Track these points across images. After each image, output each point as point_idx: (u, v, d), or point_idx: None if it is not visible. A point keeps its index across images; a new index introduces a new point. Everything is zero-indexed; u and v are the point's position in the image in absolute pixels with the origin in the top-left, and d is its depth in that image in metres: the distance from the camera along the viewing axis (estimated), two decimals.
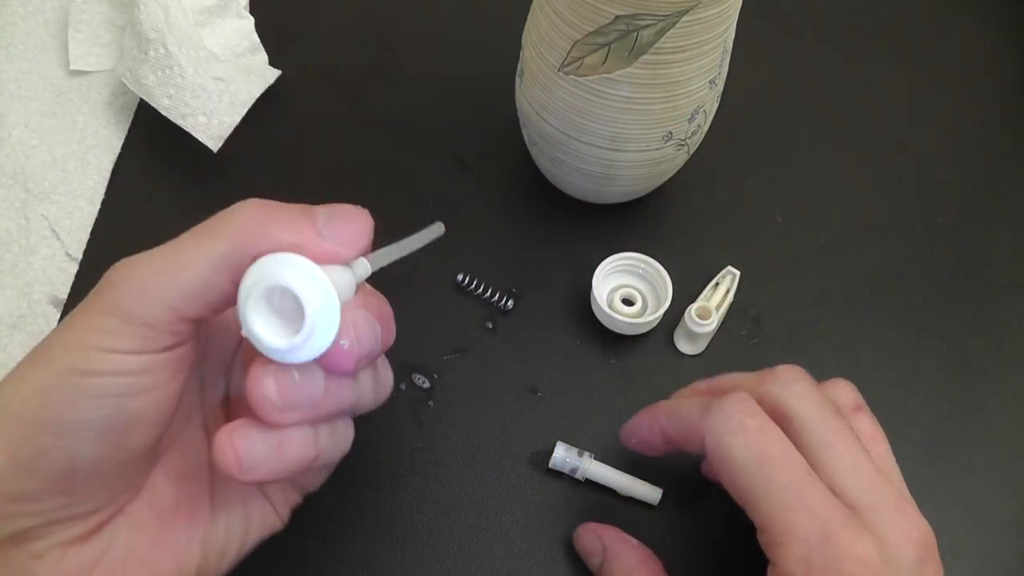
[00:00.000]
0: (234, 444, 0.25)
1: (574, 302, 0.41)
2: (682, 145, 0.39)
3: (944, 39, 0.53)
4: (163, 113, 0.44)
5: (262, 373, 0.25)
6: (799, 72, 0.51)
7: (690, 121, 0.37)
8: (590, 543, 0.34)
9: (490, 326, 0.41)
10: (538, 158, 0.43)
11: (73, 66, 0.48)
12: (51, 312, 0.41)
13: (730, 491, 0.28)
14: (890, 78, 0.51)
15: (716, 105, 0.39)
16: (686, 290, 0.41)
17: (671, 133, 0.37)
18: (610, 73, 0.34)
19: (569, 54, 0.35)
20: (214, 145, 0.44)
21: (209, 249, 0.24)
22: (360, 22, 0.52)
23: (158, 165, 0.46)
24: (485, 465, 0.37)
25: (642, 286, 0.41)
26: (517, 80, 0.40)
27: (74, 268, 0.42)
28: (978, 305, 0.43)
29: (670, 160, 0.39)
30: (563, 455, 0.36)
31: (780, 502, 0.26)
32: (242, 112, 0.45)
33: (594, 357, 0.40)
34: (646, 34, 0.33)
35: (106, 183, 0.45)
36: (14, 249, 0.42)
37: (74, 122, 0.47)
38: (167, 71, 0.43)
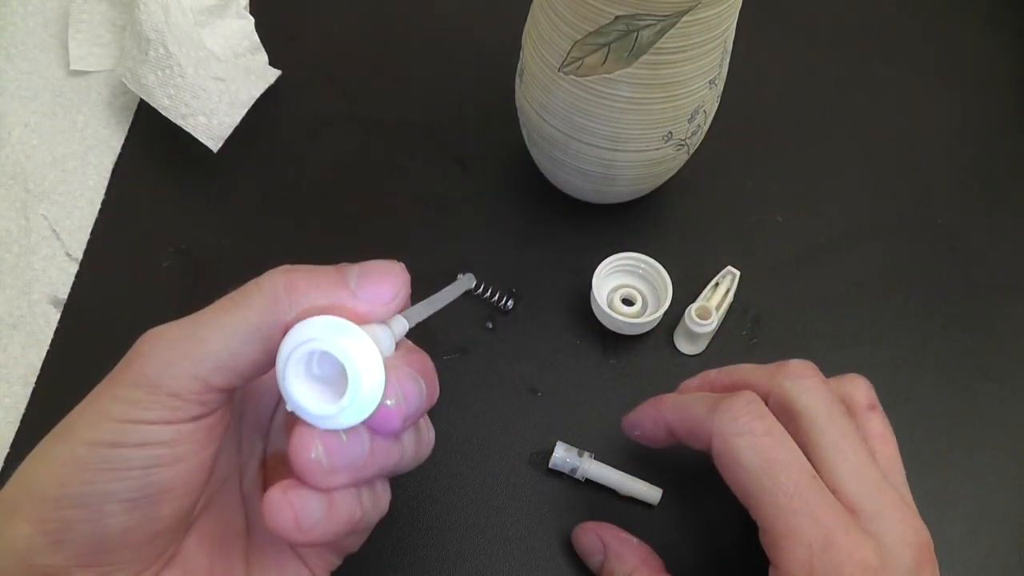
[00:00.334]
0: (291, 502, 0.23)
1: (574, 302, 0.41)
2: (682, 145, 0.39)
3: (944, 39, 0.53)
4: (163, 113, 0.44)
5: (308, 435, 0.23)
6: (799, 72, 0.51)
7: (690, 121, 0.37)
8: (590, 543, 0.34)
9: (490, 326, 0.41)
10: (538, 158, 0.43)
11: (73, 66, 0.48)
12: (51, 312, 0.41)
13: (735, 492, 0.28)
14: (890, 78, 0.51)
15: (716, 105, 0.39)
16: (686, 290, 0.41)
17: (671, 133, 0.37)
18: (610, 73, 0.34)
19: (569, 54, 0.35)
20: (214, 145, 0.44)
21: (237, 320, 0.24)
22: (360, 22, 0.52)
23: (158, 165, 0.46)
24: (485, 465, 0.37)
25: (642, 286, 0.41)
26: (517, 80, 0.40)
27: (74, 268, 0.42)
28: (978, 305, 0.43)
29: (670, 160, 0.39)
30: (563, 455, 0.36)
31: (784, 506, 0.27)
32: (242, 112, 0.45)
33: (594, 357, 0.40)
34: (646, 34, 0.33)
35: (106, 183, 0.45)
36: (14, 249, 0.42)
37: (74, 122, 0.47)
38: (167, 71, 0.43)
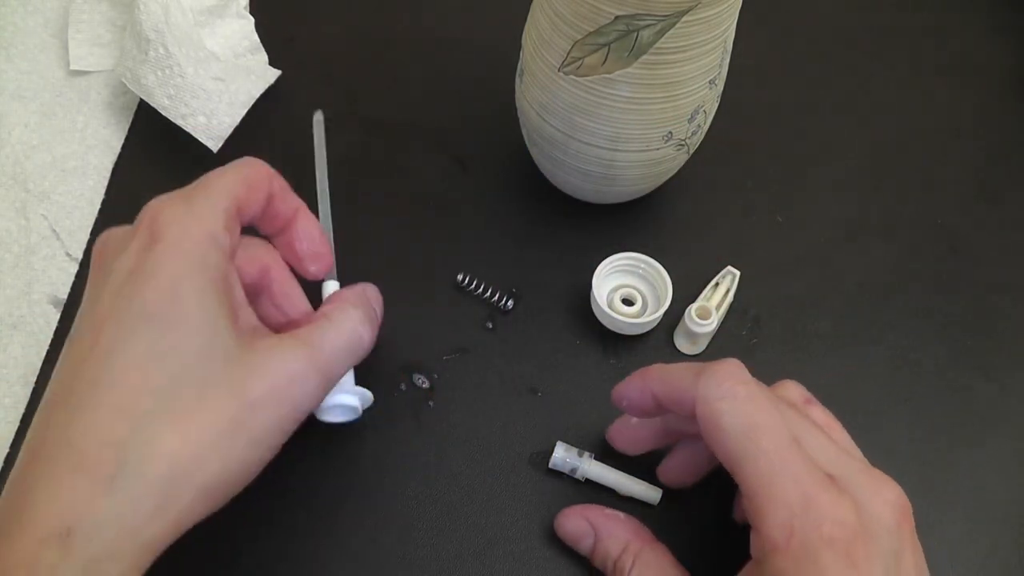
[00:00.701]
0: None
1: (574, 302, 0.41)
2: (682, 145, 0.39)
3: (944, 39, 0.53)
4: (163, 113, 0.44)
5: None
6: (799, 72, 0.51)
7: (690, 121, 0.37)
8: (577, 527, 0.34)
9: (490, 326, 0.41)
10: (538, 158, 0.43)
11: (73, 66, 0.48)
12: (51, 312, 0.41)
13: (719, 458, 0.29)
14: (890, 78, 0.51)
15: (716, 105, 0.39)
16: (686, 290, 0.41)
17: (671, 133, 0.37)
18: (610, 73, 0.34)
19: (569, 54, 0.35)
20: (214, 145, 0.44)
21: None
22: (360, 22, 0.52)
23: (158, 165, 0.46)
24: (485, 465, 0.37)
25: (642, 286, 0.41)
26: (517, 80, 0.40)
27: (74, 268, 0.42)
28: (978, 305, 0.43)
29: (670, 160, 0.39)
30: (563, 455, 0.36)
31: (765, 469, 0.27)
32: (242, 112, 0.45)
33: (594, 357, 0.40)
34: (646, 34, 0.33)
35: (106, 183, 0.45)
36: (14, 249, 0.42)
37: (74, 122, 0.47)
38: (167, 71, 0.43)
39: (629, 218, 0.44)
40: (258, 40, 0.49)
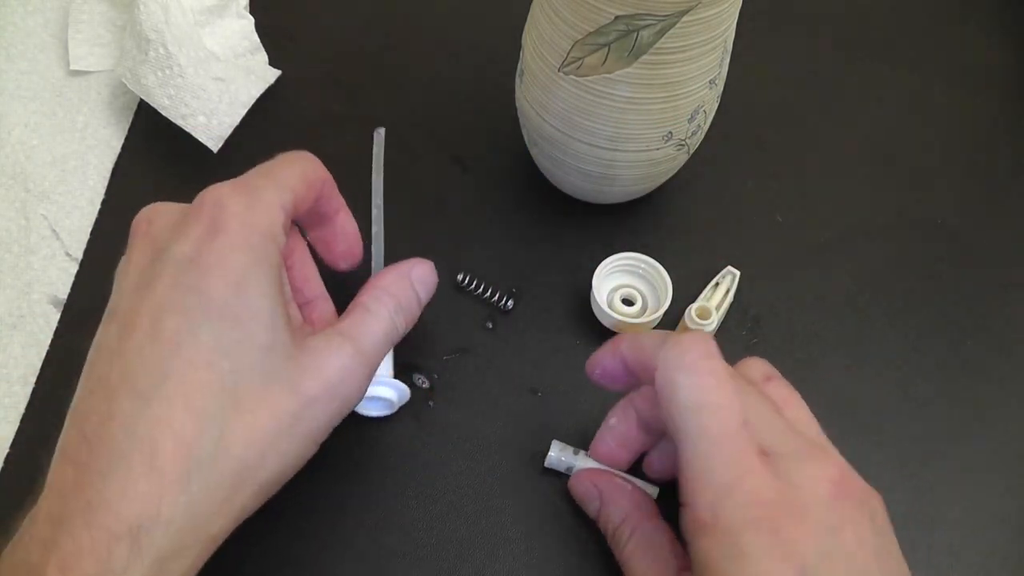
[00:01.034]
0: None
1: (574, 302, 0.41)
2: (682, 145, 0.39)
3: (944, 39, 0.53)
4: (163, 113, 0.44)
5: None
6: (799, 72, 0.51)
7: (690, 121, 0.37)
8: (586, 490, 0.35)
9: (490, 326, 0.41)
10: (538, 158, 0.43)
11: (73, 66, 0.48)
12: (51, 312, 0.41)
13: (668, 428, 0.29)
14: (890, 78, 0.51)
15: (716, 105, 0.39)
16: (686, 290, 0.41)
17: (671, 133, 0.37)
18: (610, 73, 0.34)
19: (569, 54, 0.35)
20: (214, 145, 0.44)
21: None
22: (360, 22, 0.52)
23: (158, 165, 0.46)
24: (485, 465, 0.37)
25: (642, 286, 0.41)
26: (517, 80, 0.40)
27: (74, 268, 0.42)
28: (978, 305, 0.43)
29: (670, 160, 0.39)
30: (557, 454, 0.36)
31: (704, 450, 0.27)
32: (242, 112, 0.45)
33: None
34: (646, 34, 0.33)
35: (106, 183, 0.45)
36: (14, 249, 0.42)
37: (74, 122, 0.47)
38: (167, 71, 0.43)
39: (629, 218, 0.44)
40: (258, 40, 0.49)
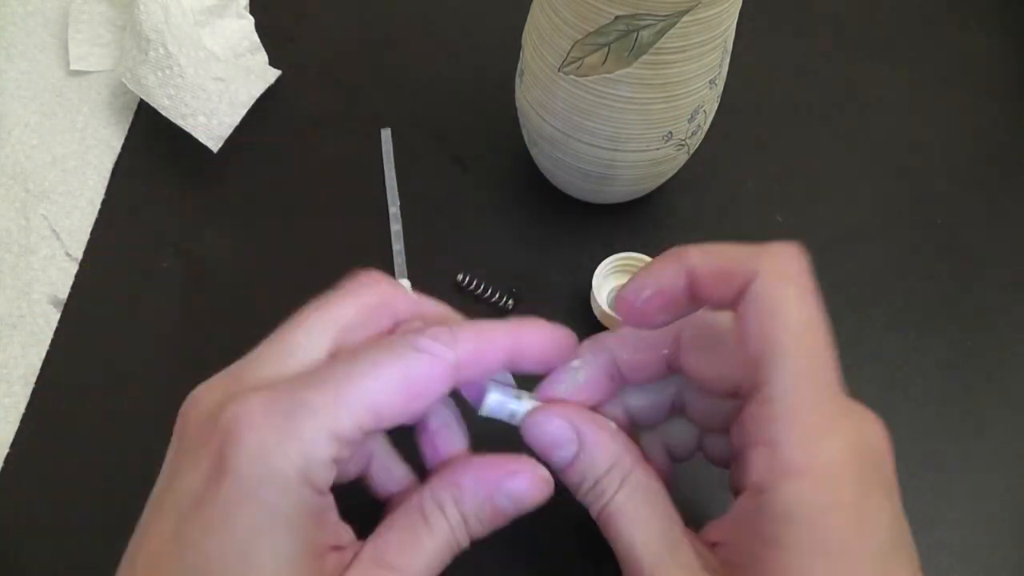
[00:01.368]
0: None
1: (574, 302, 0.41)
2: (682, 145, 0.39)
3: (944, 39, 0.53)
4: (163, 113, 0.44)
5: None
6: (799, 72, 0.51)
7: (690, 121, 0.37)
8: (558, 431, 0.27)
9: None
10: (538, 158, 0.43)
11: (73, 66, 0.48)
12: (51, 312, 0.41)
13: (751, 347, 0.24)
14: (890, 78, 0.51)
15: (716, 105, 0.39)
16: None
17: (671, 133, 0.37)
18: (610, 73, 0.34)
19: (569, 54, 0.35)
20: (214, 145, 0.44)
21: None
22: (360, 22, 0.52)
23: (158, 165, 0.46)
24: None
25: None
26: (517, 80, 0.40)
27: (74, 268, 0.42)
28: (978, 305, 0.43)
29: (670, 160, 0.39)
30: (501, 397, 0.28)
31: (807, 374, 0.24)
32: (242, 112, 0.45)
33: None
34: (646, 34, 0.33)
35: (106, 183, 0.45)
36: (14, 249, 0.42)
37: (74, 122, 0.47)
38: (167, 71, 0.43)
39: (629, 218, 0.44)
40: (258, 40, 0.49)
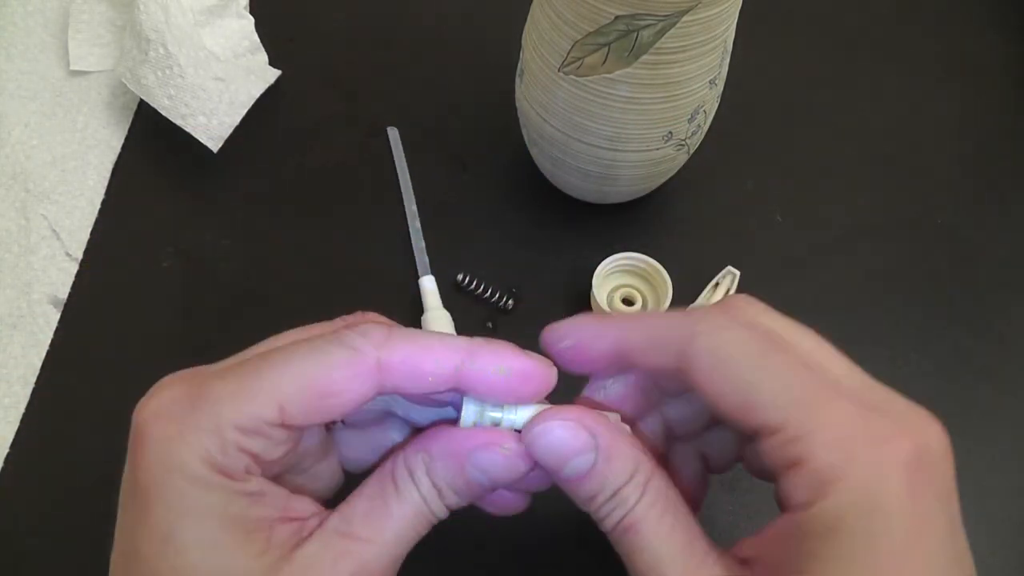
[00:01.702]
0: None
1: (574, 302, 0.41)
2: (682, 145, 0.39)
3: (944, 39, 0.53)
4: (163, 113, 0.44)
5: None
6: (799, 72, 0.51)
7: (690, 121, 0.37)
8: (574, 439, 0.24)
9: (490, 326, 0.41)
10: (538, 158, 0.43)
11: (73, 66, 0.48)
12: (51, 312, 0.41)
13: (721, 401, 0.23)
14: (890, 78, 0.51)
15: (716, 105, 0.39)
16: (686, 290, 0.41)
17: (671, 133, 0.37)
18: (610, 73, 0.34)
19: (569, 54, 0.35)
20: (214, 145, 0.44)
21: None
22: (360, 22, 0.52)
23: (158, 165, 0.46)
24: None
25: (642, 286, 0.41)
26: (517, 80, 0.40)
27: (74, 268, 0.42)
28: (978, 305, 0.43)
29: (670, 160, 0.39)
30: (477, 408, 0.25)
31: (800, 388, 0.22)
32: (242, 112, 0.45)
33: None
34: (646, 34, 0.33)
35: (106, 183, 0.45)
36: (14, 249, 0.42)
37: (74, 122, 0.47)
38: (167, 71, 0.43)
39: (629, 218, 0.44)
40: (258, 40, 0.49)
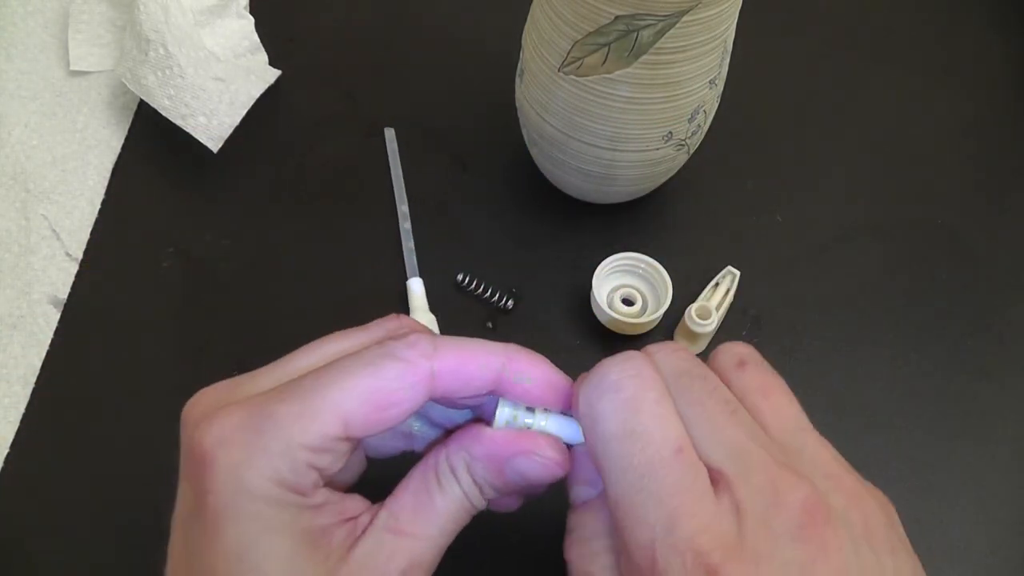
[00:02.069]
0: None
1: (574, 302, 0.41)
2: (682, 145, 0.39)
3: (944, 39, 0.53)
4: (163, 113, 0.44)
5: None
6: (799, 72, 0.51)
7: (690, 121, 0.37)
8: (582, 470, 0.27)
9: (490, 326, 0.41)
10: (538, 158, 0.43)
11: (73, 66, 0.48)
12: (51, 312, 0.41)
13: (594, 463, 0.25)
14: (890, 78, 0.51)
15: (716, 105, 0.39)
16: (686, 290, 0.41)
17: (671, 133, 0.37)
18: (610, 73, 0.34)
19: (569, 54, 0.35)
20: (214, 146, 0.44)
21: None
22: (360, 22, 0.52)
23: (158, 165, 0.46)
24: None
25: (642, 286, 0.41)
26: (517, 80, 0.40)
27: (74, 268, 0.42)
28: (978, 305, 0.43)
29: (670, 160, 0.39)
30: (511, 412, 0.28)
31: (631, 484, 0.23)
32: (242, 112, 0.45)
33: (594, 357, 0.40)
34: (646, 34, 0.33)
35: (106, 183, 0.45)
36: (14, 249, 0.42)
37: (74, 122, 0.47)
38: (167, 71, 0.43)
39: (629, 218, 0.44)
40: (258, 40, 0.49)
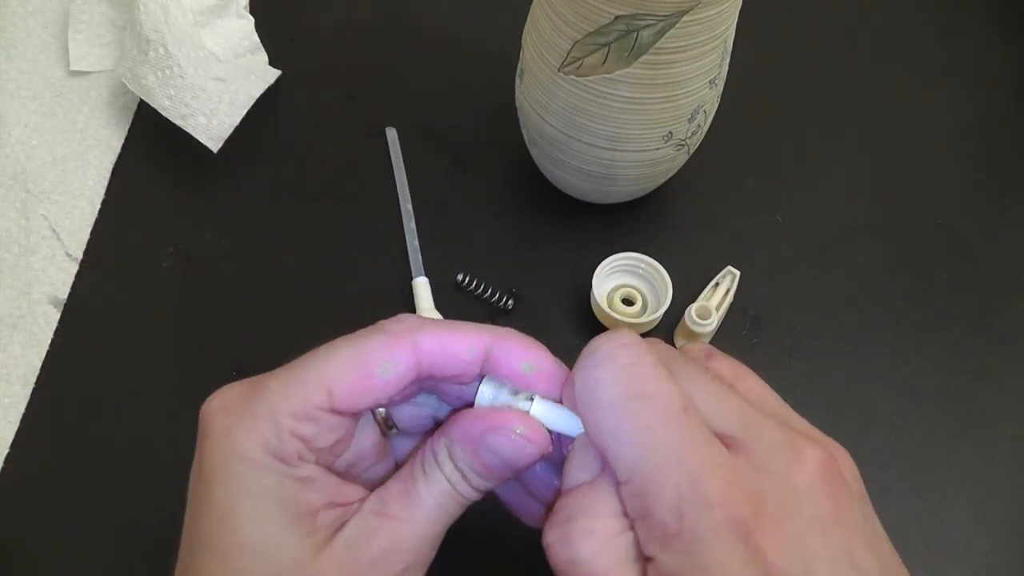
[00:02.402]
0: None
1: (574, 302, 0.41)
2: (682, 145, 0.39)
3: (944, 39, 0.53)
4: (163, 113, 0.44)
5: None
6: (799, 72, 0.51)
7: (690, 121, 0.37)
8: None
9: None
10: (538, 158, 0.43)
11: (73, 66, 0.48)
12: (51, 312, 0.41)
13: (594, 440, 0.24)
14: (890, 78, 0.51)
15: (716, 105, 0.39)
16: (686, 290, 0.41)
17: (671, 133, 0.37)
18: (610, 73, 0.34)
19: (569, 54, 0.35)
20: (214, 146, 0.44)
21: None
22: (360, 22, 0.52)
23: (158, 165, 0.46)
24: None
25: (642, 286, 0.41)
26: (517, 80, 0.40)
27: (74, 268, 0.42)
28: (978, 305, 0.43)
29: (670, 160, 0.39)
30: (492, 393, 0.27)
31: (646, 445, 0.23)
32: (242, 112, 0.45)
33: None
34: (646, 34, 0.33)
35: (106, 183, 0.45)
36: (14, 249, 0.42)
37: (74, 122, 0.47)
38: (167, 71, 0.43)
39: (629, 218, 0.44)
40: (258, 40, 0.49)
